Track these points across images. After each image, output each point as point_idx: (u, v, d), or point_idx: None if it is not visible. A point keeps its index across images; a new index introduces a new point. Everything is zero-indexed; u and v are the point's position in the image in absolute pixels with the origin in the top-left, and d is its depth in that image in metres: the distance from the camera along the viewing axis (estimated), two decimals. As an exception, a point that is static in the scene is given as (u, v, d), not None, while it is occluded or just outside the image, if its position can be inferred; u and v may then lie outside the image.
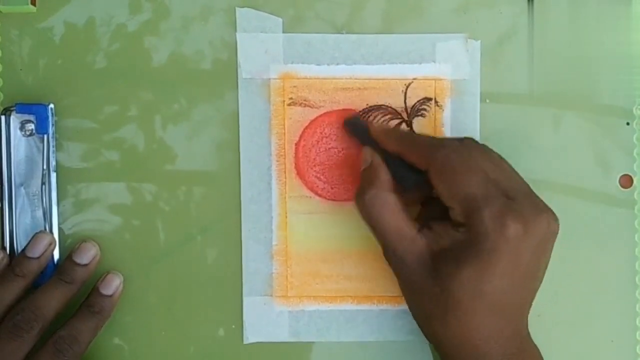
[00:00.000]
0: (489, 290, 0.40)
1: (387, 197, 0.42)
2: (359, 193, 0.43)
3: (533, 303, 0.43)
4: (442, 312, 0.41)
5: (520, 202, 0.40)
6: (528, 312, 0.43)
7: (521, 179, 0.42)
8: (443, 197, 0.41)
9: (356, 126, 0.47)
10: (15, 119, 0.46)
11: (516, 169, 0.47)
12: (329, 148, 0.48)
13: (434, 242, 0.41)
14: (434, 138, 0.44)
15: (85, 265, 0.46)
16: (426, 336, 0.43)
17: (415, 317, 0.44)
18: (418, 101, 0.48)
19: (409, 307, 0.44)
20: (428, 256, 0.41)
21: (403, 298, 0.48)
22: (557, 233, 0.42)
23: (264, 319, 0.48)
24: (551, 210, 0.41)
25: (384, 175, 0.43)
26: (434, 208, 0.43)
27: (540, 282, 0.42)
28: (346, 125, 0.47)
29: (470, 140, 0.43)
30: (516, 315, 0.42)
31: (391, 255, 0.42)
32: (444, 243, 0.41)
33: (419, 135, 0.46)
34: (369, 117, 0.48)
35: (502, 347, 0.41)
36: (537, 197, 0.42)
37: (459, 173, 0.41)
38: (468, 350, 0.41)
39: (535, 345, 0.43)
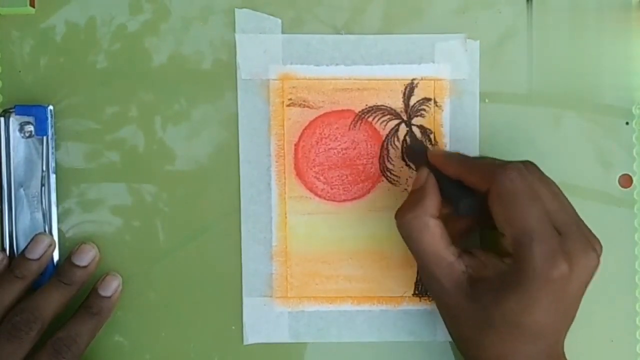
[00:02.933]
0: (529, 322, 0.39)
1: (428, 221, 0.42)
2: (402, 212, 0.43)
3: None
4: (478, 336, 0.41)
5: (572, 238, 0.40)
6: (565, 335, 0.42)
7: (573, 210, 0.42)
8: (497, 221, 0.41)
9: (414, 150, 0.47)
10: (14, 121, 0.46)
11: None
12: (329, 149, 0.48)
13: (474, 269, 0.41)
14: (496, 159, 0.42)
15: (85, 266, 0.46)
16: (463, 355, 0.43)
17: (452, 336, 0.44)
18: (417, 101, 0.48)
19: (447, 327, 0.44)
20: (466, 283, 0.41)
21: (403, 298, 0.48)
22: (599, 261, 0.41)
23: (264, 319, 0.48)
24: (598, 242, 0.41)
25: (430, 199, 0.43)
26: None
27: (579, 306, 0.42)
28: (406, 150, 0.47)
29: (533, 166, 0.42)
30: (553, 340, 0.41)
31: (428, 277, 0.43)
32: (486, 272, 0.41)
33: (481, 157, 0.45)
34: (368, 117, 0.48)
35: None
36: (586, 228, 0.41)
37: (519, 200, 0.40)
38: None
39: None
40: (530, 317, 0.39)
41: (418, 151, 0.47)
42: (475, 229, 0.46)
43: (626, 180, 0.48)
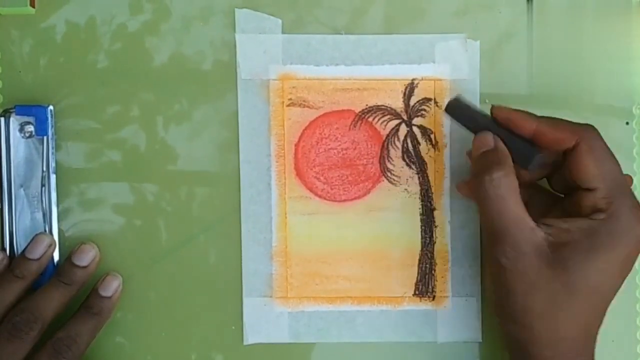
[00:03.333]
0: (611, 282, 0.40)
1: (513, 182, 0.41)
2: (481, 173, 0.41)
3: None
4: (552, 308, 0.40)
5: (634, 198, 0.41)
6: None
7: None
8: (587, 177, 0.41)
9: (461, 110, 0.45)
10: (14, 121, 0.46)
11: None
12: (329, 149, 0.48)
13: (555, 235, 0.40)
14: (572, 122, 0.43)
15: (85, 267, 0.46)
16: (507, 334, 0.42)
17: (502, 313, 0.42)
18: (417, 101, 0.48)
19: (500, 304, 0.42)
20: (547, 248, 0.40)
21: (403, 299, 0.48)
22: None
23: (264, 319, 0.48)
24: None
25: (509, 160, 0.42)
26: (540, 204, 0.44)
27: None
28: (448, 110, 0.45)
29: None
30: (609, 299, 0.41)
31: (507, 243, 0.40)
32: (570, 237, 0.40)
33: (555, 119, 0.43)
34: (368, 117, 0.48)
35: (587, 349, 0.41)
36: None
37: (609, 156, 0.41)
38: (575, 346, 0.40)
39: None
40: (616, 280, 0.40)
41: (464, 107, 0.44)
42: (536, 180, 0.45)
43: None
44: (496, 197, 0.41)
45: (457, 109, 0.45)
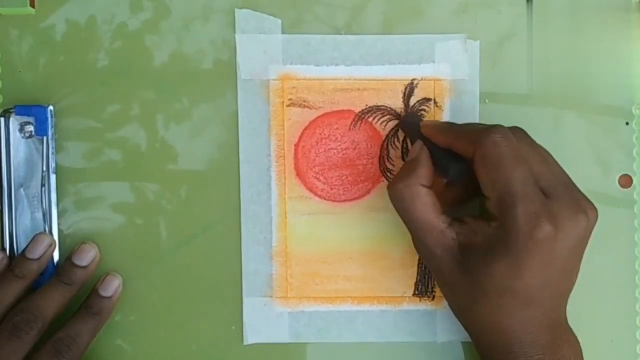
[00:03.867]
0: (520, 286, 0.40)
1: (419, 190, 0.42)
2: (394, 181, 0.43)
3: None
4: (472, 303, 0.41)
5: (559, 200, 0.40)
6: (565, 302, 0.43)
7: (564, 173, 0.42)
8: (482, 185, 0.41)
9: (410, 124, 0.47)
10: (14, 121, 0.46)
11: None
12: (329, 149, 0.48)
13: (465, 236, 0.42)
14: (484, 125, 0.43)
15: (85, 267, 0.46)
16: (462, 324, 0.44)
17: (450, 306, 0.44)
18: (417, 101, 0.48)
19: (444, 297, 0.44)
20: (457, 250, 0.41)
21: (403, 299, 0.48)
22: (594, 224, 0.41)
23: (264, 320, 0.48)
24: (590, 205, 0.41)
25: (423, 170, 0.43)
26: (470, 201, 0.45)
27: (577, 273, 0.42)
28: (401, 124, 0.47)
29: (521, 131, 0.43)
30: (550, 306, 0.41)
31: (420, 246, 0.43)
32: (475, 238, 0.41)
33: (469, 124, 0.44)
34: (368, 117, 0.48)
35: (535, 336, 0.41)
36: (578, 192, 0.42)
37: (502, 162, 0.40)
38: (500, 338, 0.41)
39: (573, 333, 0.43)
40: (520, 281, 0.39)
41: (413, 123, 0.46)
42: (467, 198, 0.45)
43: (626, 181, 0.48)
44: (403, 203, 0.42)
45: (408, 125, 0.47)
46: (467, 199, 0.45)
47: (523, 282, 0.39)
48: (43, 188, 0.46)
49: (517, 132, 0.42)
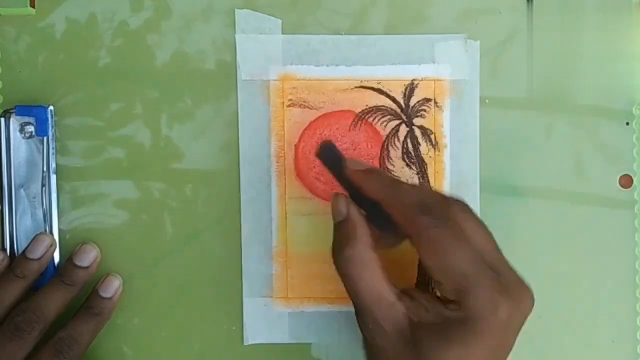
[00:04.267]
0: None
1: (367, 258, 0.40)
2: (336, 250, 0.40)
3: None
4: None
5: (506, 276, 0.38)
6: None
7: (499, 248, 0.40)
8: (430, 270, 0.39)
9: (330, 156, 0.44)
10: (15, 121, 0.46)
11: (516, 167, 0.48)
12: (329, 149, 0.48)
13: (415, 312, 0.39)
14: (421, 194, 0.40)
15: (86, 267, 0.46)
16: None
17: None
18: (417, 102, 0.48)
19: None
20: (407, 326, 0.39)
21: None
22: (533, 303, 0.39)
23: (264, 320, 0.48)
24: (528, 285, 0.39)
25: (363, 231, 0.40)
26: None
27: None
28: (319, 151, 0.44)
29: (458, 203, 0.40)
30: None
31: (367, 320, 0.40)
32: (428, 317, 0.39)
33: (402, 186, 0.41)
34: (368, 118, 0.48)
35: None
36: (514, 268, 0.39)
37: (447, 247, 0.38)
38: None
39: None
40: None
41: (335, 158, 0.43)
42: (396, 244, 0.43)
43: (626, 181, 0.48)
44: (351, 273, 0.39)
45: (328, 155, 0.44)
46: (395, 244, 0.43)
47: None
48: (43, 188, 0.46)
49: (454, 206, 0.39)
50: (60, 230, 0.47)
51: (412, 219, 0.39)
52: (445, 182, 0.48)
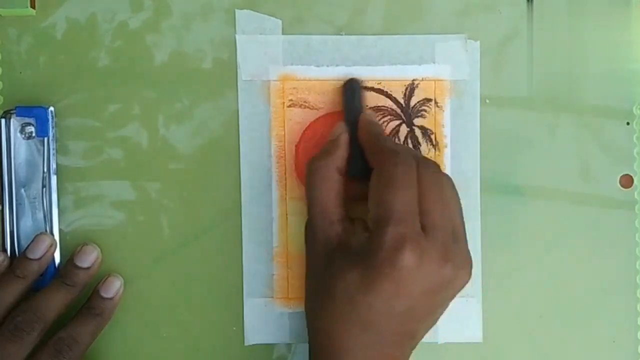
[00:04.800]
0: (363, 303, 0.39)
1: (333, 174, 0.43)
2: (314, 158, 0.44)
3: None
4: (318, 306, 0.41)
5: (433, 241, 0.39)
6: (410, 348, 0.42)
7: (460, 226, 0.42)
8: (369, 198, 0.41)
9: (351, 96, 0.46)
10: (15, 122, 0.46)
11: (516, 167, 0.47)
12: (329, 149, 0.48)
13: (346, 236, 0.42)
14: (399, 145, 0.44)
15: (87, 268, 0.46)
16: (307, 329, 0.43)
17: (305, 306, 0.43)
18: (418, 102, 0.48)
19: (305, 294, 0.44)
20: (334, 246, 0.41)
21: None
22: (462, 287, 0.41)
23: (265, 320, 0.48)
24: (466, 266, 0.41)
25: (340, 153, 0.44)
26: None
27: (432, 323, 0.42)
28: (344, 87, 0.47)
29: (435, 165, 0.42)
30: (390, 341, 0.40)
31: (309, 226, 0.43)
32: (352, 242, 0.41)
33: (387, 139, 0.45)
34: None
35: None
36: (461, 247, 0.41)
37: (393, 183, 0.40)
38: (332, 351, 0.40)
39: None
40: (365, 297, 0.39)
41: (354, 95, 0.46)
42: (362, 199, 0.44)
43: (627, 181, 0.48)
44: (313, 181, 0.43)
45: (350, 91, 0.47)
46: (361, 199, 0.44)
47: (367, 299, 0.39)
48: (44, 189, 0.46)
49: (428, 165, 0.42)
50: (60, 231, 0.47)
51: (379, 155, 0.42)
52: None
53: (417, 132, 0.48)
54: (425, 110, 0.48)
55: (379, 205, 0.40)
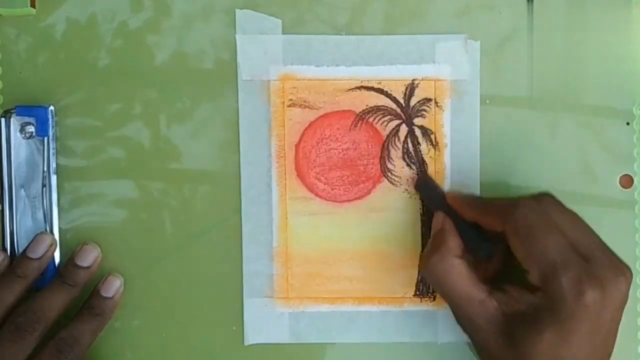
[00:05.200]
0: (568, 356, 0.39)
1: (453, 262, 0.42)
2: (426, 257, 0.43)
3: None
4: None
5: (598, 264, 0.40)
6: None
7: (597, 236, 0.42)
8: (520, 259, 0.41)
9: (428, 189, 0.47)
10: (15, 122, 0.46)
11: (516, 168, 0.47)
12: (329, 149, 0.48)
13: (508, 305, 0.41)
14: (511, 199, 0.43)
15: (87, 267, 0.46)
16: None
17: None
18: (418, 102, 0.48)
19: None
20: (501, 319, 0.41)
21: (404, 299, 0.48)
22: (630, 285, 0.41)
23: (265, 320, 0.48)
24: (627, 268, 0.41)
25: (452, 241, 0.43)
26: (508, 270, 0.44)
27: (616, 337, 0.42)
28: (417, 187, 0.47)
29: (548, 197, 0.42)
30: None
31: (463, 319, 0.42)
32: (519, 306, 0.41)
33: (495, 198, 0.45)
34: (369, 117, 0.48)
35: None
36: (612, 253, 0.41)
37: (536, 235, 0.40)
38: None
39: None
40: (568, 351, 0.39)
41: (430, 188, 0.47)
42: (504, 270, 0.45)
43: (627, 181, 0.48)
44: (438, 277, 0.42)
45: (425, 188, 0.47)
46: (503, 270, 0.45)
47: (571, 352, 0.39)
48: (44, 188, 0.46)
49: (544, 199, 0.42)
50: (60, 230, 0.47)
51: (505, 214, 0.41)
52: (445, 182, 0.48)
53: (417, 132, 0.48)
54: (425, 110, 0.48)
55: (536, 260, 0.40)
